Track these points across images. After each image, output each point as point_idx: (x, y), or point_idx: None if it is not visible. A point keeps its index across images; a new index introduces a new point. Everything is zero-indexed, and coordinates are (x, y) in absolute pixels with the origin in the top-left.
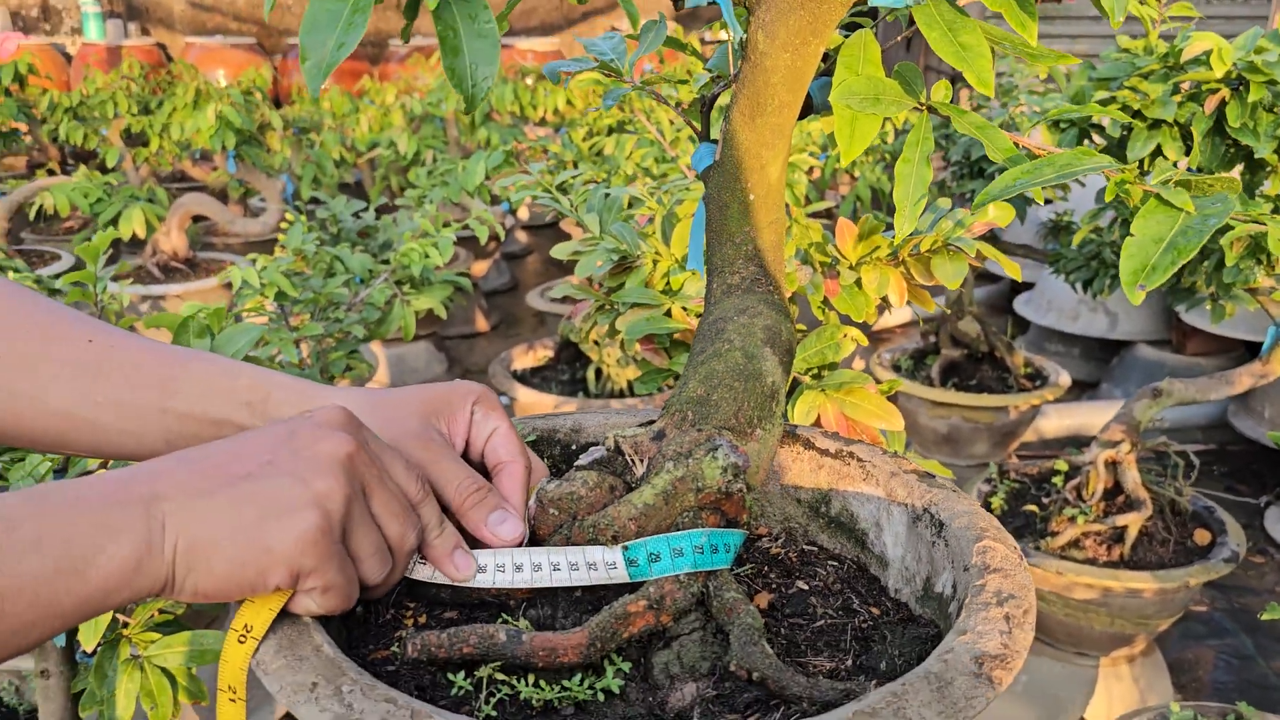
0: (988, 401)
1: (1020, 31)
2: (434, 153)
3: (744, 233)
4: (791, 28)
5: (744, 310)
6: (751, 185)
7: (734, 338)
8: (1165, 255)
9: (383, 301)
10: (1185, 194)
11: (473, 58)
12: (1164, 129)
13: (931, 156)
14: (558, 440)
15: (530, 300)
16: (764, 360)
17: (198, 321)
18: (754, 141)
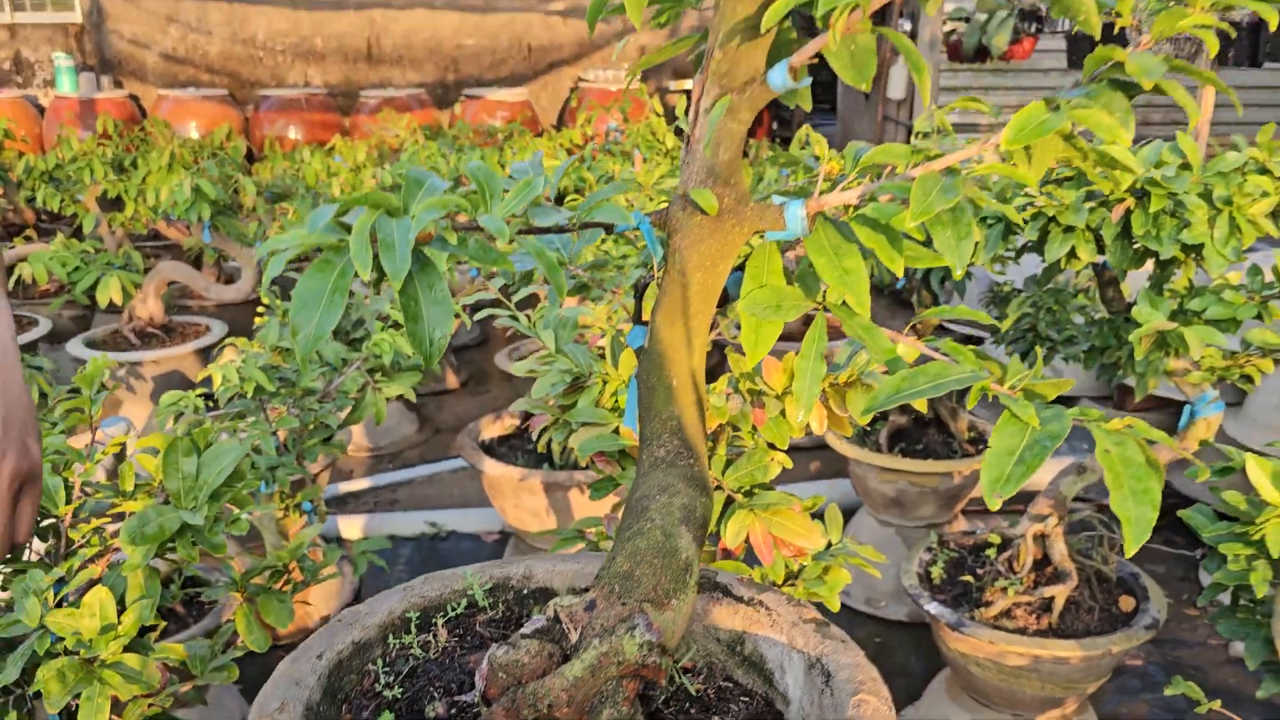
0: (932, 467)
1: (890, 266)
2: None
3: (669, 410)
4: (703, 253)
5: (665, 489)
6: (674, 373)
7: (655, 516)
8: (1017, 468)
9: (355, 390)
10: (1030, 409)
11: (430, 322)
12: (1078, 232)
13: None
14: (511, 587)
15: (499, 361)
16: (680, 538)
17: (185, 442)
18: (675, 339)
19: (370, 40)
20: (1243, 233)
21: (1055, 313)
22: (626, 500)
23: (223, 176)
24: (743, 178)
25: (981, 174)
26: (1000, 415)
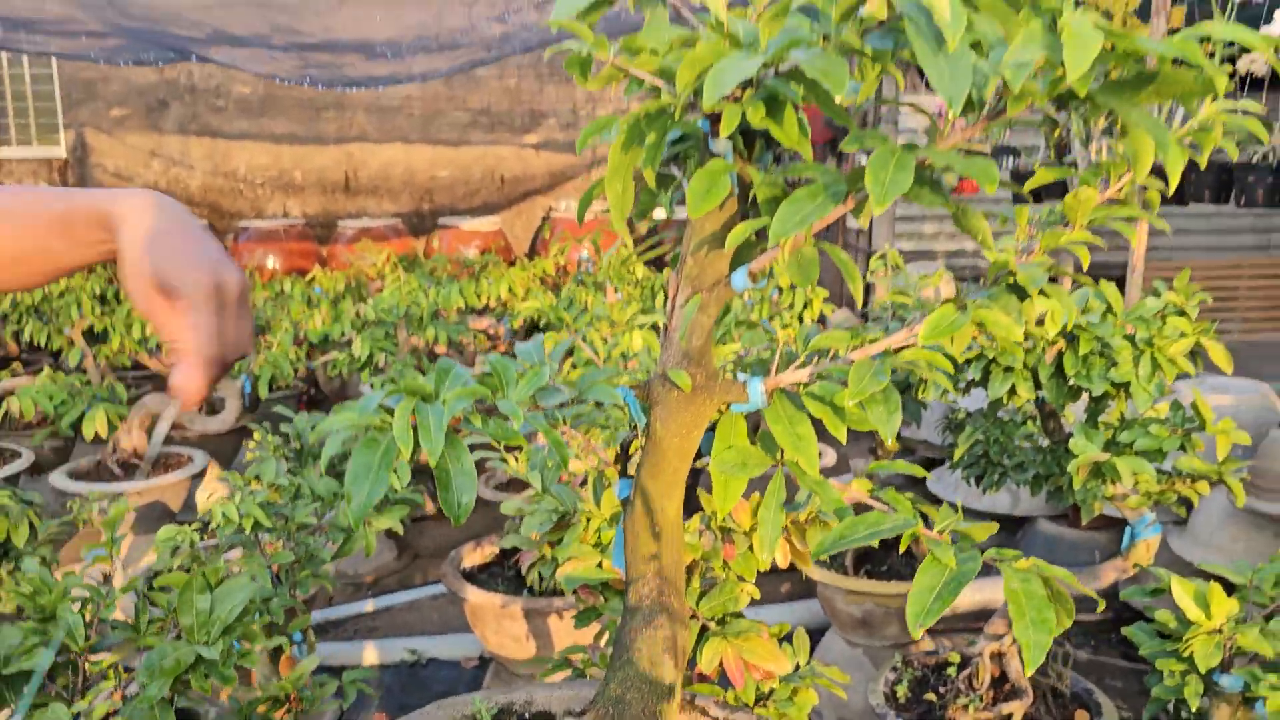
0: (897, 589)
1: (835, 433)
2: (385, 355)
3: (652, 553)
4: (679, 422)
5: (650, 623)
6: (656, 521)
7: (642, 647)
8: (936, 603)
9: (345, 524)
10: (950, 552)
11: (459, 489)
12: (1016, 371)
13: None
14: (515, 711)
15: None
16: (663, 666)
17: (199, 579)
18: (656, 492)
19: (348, 173)
20: (1164, 371)
21: (1002, 442)
22: (616, 632)
23: None
24: (712, 359)
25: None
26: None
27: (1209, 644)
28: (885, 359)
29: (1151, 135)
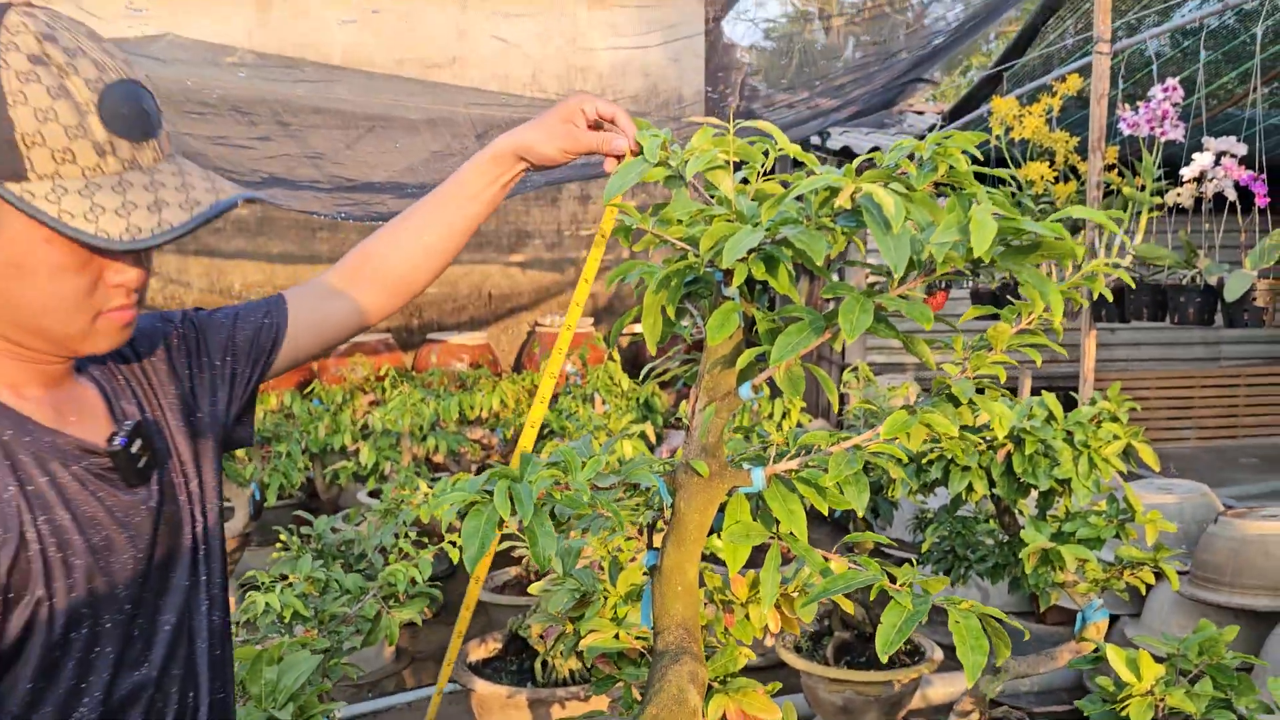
0: (874, 677)
1: (819, 508)
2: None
3: (676, 609)
4: (699, 501)
5: (677, 661)
6: (679, 583)
7: (671, 679)
8: (897, 634)
9: (372, 614)
10: (909, 598)
11: (543, 544)
12: (973, 470)
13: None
14: None
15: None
16: (688, 693)
17: (268, 653)
18: (680, 559)
19: None
20: (1100, 469)
21: (965, 536)
22: (650, 673)
23: None
24: (723, 453)
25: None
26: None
27: (1142, 704)
28: (856, 452)
29: (1036, 287)
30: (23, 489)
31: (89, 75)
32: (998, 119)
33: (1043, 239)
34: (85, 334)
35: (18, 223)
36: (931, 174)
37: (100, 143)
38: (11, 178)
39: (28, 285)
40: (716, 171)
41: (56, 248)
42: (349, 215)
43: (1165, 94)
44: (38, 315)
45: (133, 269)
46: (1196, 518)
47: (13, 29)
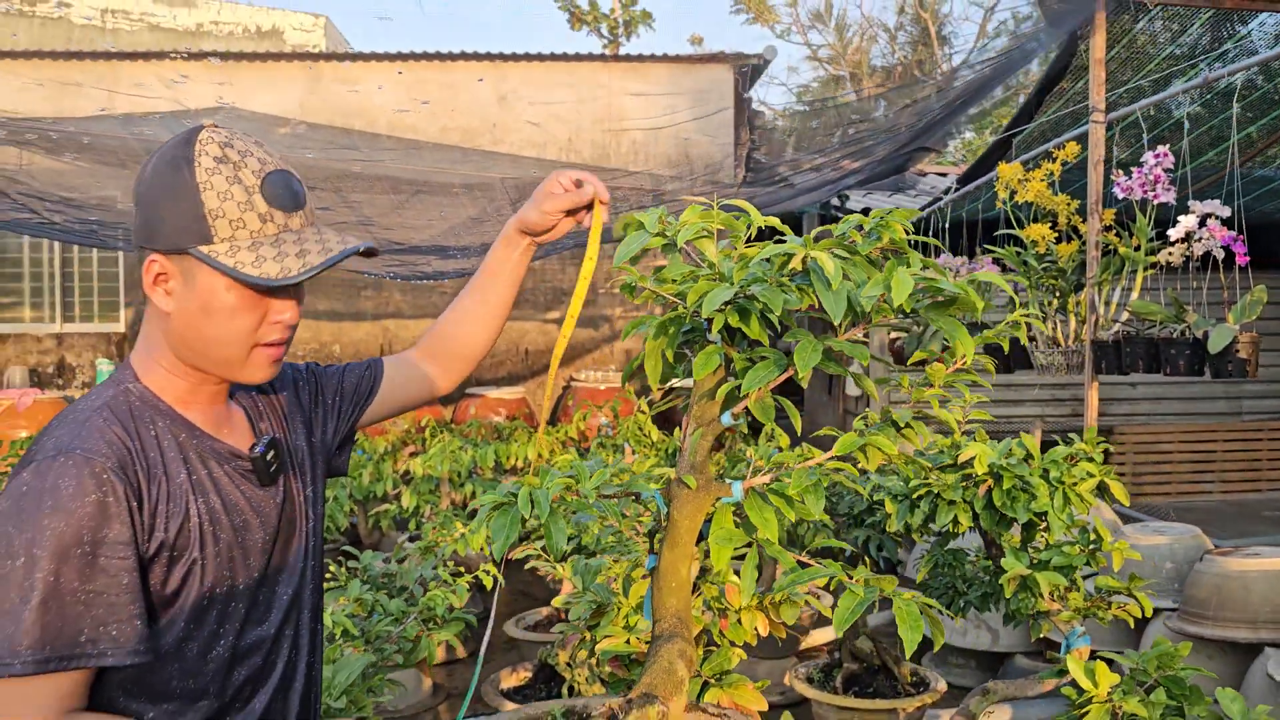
0: (880, 705)
1: (788, 515)
2: (430, 507)
3: (670, 603)
4: (688, 510)
5: (669, 641)
6: (673, 579)
7: (663, 655)
8: (850, 615)
9: (413, 635)
10: (860, 589)
11: (556, 537)
12: (958, 504)
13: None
14: (576, 712)
15: (507, 629)
16: (678, 667)
17: (326, 654)
18: (673, 560)
19: (383, 345)
20: (1074, 503)
21: (955, 567)
22: (648, 652)
23: None
24: (709, 469)
25: (831, 466)
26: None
27: (1101, 710)
28: (816, 470)
29: (952, 335)
30: (190, 477)
31: (254, 168)
32: (1003, 183)
33: (958, 295)
34: (243, 363)
35: (205, 275)
36: (876, 242)
37: (262, 214)
38: (202, 242)
39: (211, 323)
40: (703, 239)
41: (234, 293)
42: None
43: (1157, 160)
44: (215, 345)
45: (289, 307)
46: (1188, 558)
47: (204, 140)
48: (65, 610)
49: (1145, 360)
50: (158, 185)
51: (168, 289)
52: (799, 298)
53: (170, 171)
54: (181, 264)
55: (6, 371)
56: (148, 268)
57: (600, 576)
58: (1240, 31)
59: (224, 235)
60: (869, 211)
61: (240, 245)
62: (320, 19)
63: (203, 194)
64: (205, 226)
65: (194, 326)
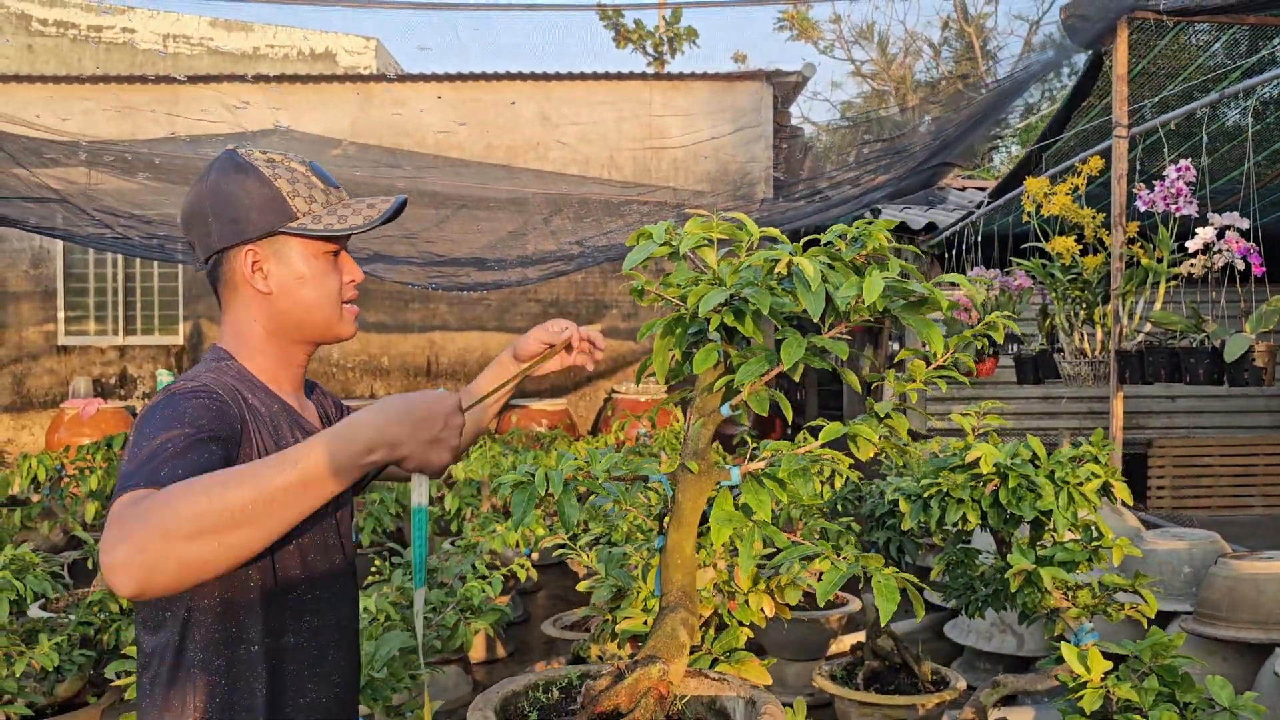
0: (900, 700)
1: (780, 497)
2: (471, 510)
3: (676, 578)
4: (692, 492)
5: (674, 611)
6: (678, 556)
7: (668, 623)
8: (830, 587)
9: (451, 623)
10: (843, 564)
11: (569, 513)
12: (966, 503)
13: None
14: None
15: (544, 629)
16: (680, 632)
17: (369, 631)
18: (678, 539)
19: (430, 358)
20: (1078, 503)
21: (967, 565)
22: (655, 621)
23: None
24: (710, 455)
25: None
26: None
27: (1093, 694)
28: (805, 458)
29: (922, 331)
30: (285, 443)
31: (297, 163)
32: (1029, 197)
33: (927, 297)
34: (339, 319)
35: (297, 249)
36: (861, 249)
37: (323, 189)
38: (290, 219)
39: (309, 289)
40: (704, 248)
41: (320, 260)
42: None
43: (1179, 173)
44: (316, 309)
45: (354, 267)
46: (1206, 562)
47: (244, 154)
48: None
49: (1167, 370)
50: (227, 193)
51: (265, 272)
52: (790, 300)
53: (237, 177)
54: (273, 246)
55: (72, 382)
56: (244, 260)
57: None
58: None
59: (304, 210)
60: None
61: (320, 214)
62: (371, 41)
63: (275, 183)
64: (287, 207)
65: (294, 296)
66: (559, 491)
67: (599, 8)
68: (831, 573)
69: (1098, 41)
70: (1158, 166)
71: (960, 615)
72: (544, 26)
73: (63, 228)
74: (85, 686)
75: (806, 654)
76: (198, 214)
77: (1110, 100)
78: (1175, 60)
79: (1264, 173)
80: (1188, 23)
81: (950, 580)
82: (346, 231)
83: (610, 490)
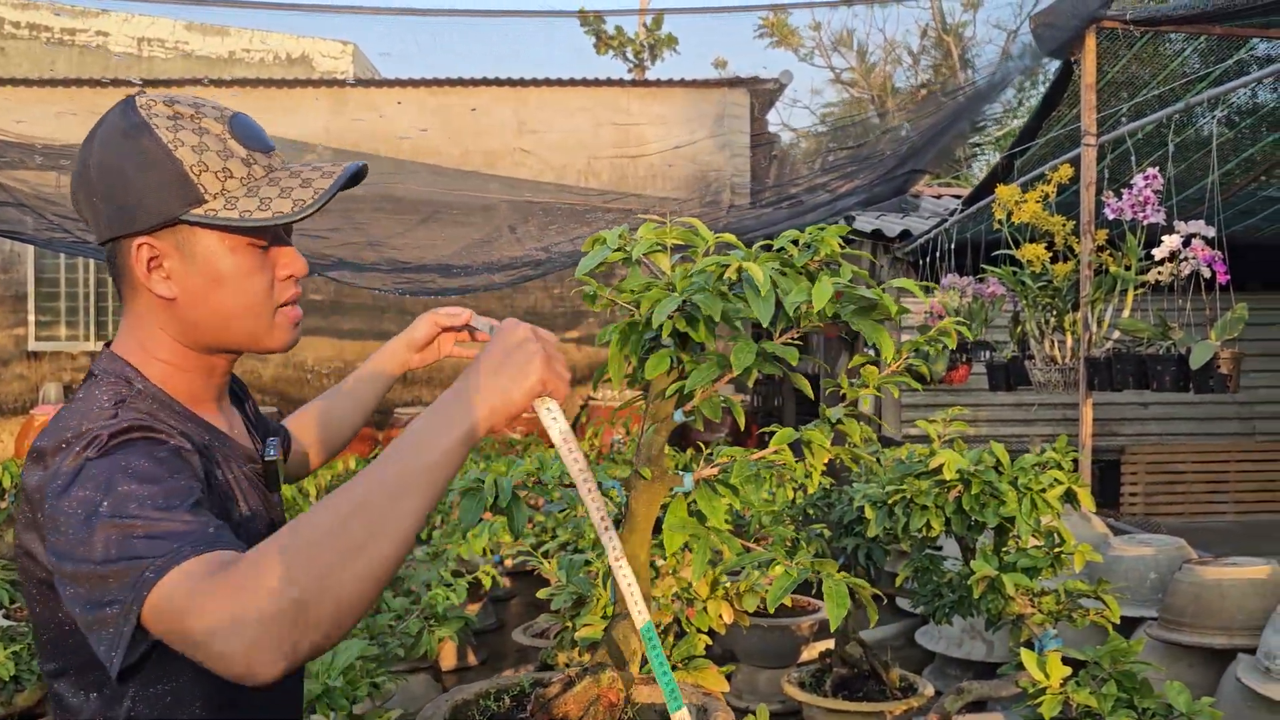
0: (868, 708)
1: (733, 504)
2: (440, 517)
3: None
4: (645, 499)
5: (626, 618)
6: (632, 564)
7: (619, 629)
8: (781, 593)
9: (415, 631)
10: (795, 569)
11: (518, 522)
12: (930, 509)
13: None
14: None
15: (515, 636)
16: (631, 638)
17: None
18: (633, 544)
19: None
20: (1040, 509)
21: (932, 571)
22: (607, 624)
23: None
24: (665, 461)
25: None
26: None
27: (1053, 700)
28: (758, 463)
29: (872, 336)
30: (225, 478)
31: (214, 116)
32: (1000, 204)
33: (876, 302)
34: (270, 329)
35: (207, 241)
36: (814, 254)
37: (244, 157)
38: (194, 203)
39: (226, 293)
40: (657, 253)
41: (241, 255)
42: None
43: (1146, 182)
44: (237, 318)
45: (294, 256)
46: (1172, 568)
47: (145, 105)
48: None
49: (1135, 377)
50: (115, 165)
51: (165, 272)
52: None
53: (126, 143)
54: (175, 237)
55: (43, 388)
56: (136, 256)
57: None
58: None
59: (214, 190)
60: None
61: (236, 195)
62: (349, 46)
63: (176, 152)
64: (192, 186)
65: (207, 304)
66: (507, 499)
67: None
68: (783, 578)
69: (1066, 50)
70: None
71: (929, 623)
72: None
73: (30, 232)
74: (45, 696)
75: (778, 661)
76: (81, 189)
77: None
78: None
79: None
80: (1155, 32)
81: (918, 587)
82: (268, 222)
83: (565, 499)
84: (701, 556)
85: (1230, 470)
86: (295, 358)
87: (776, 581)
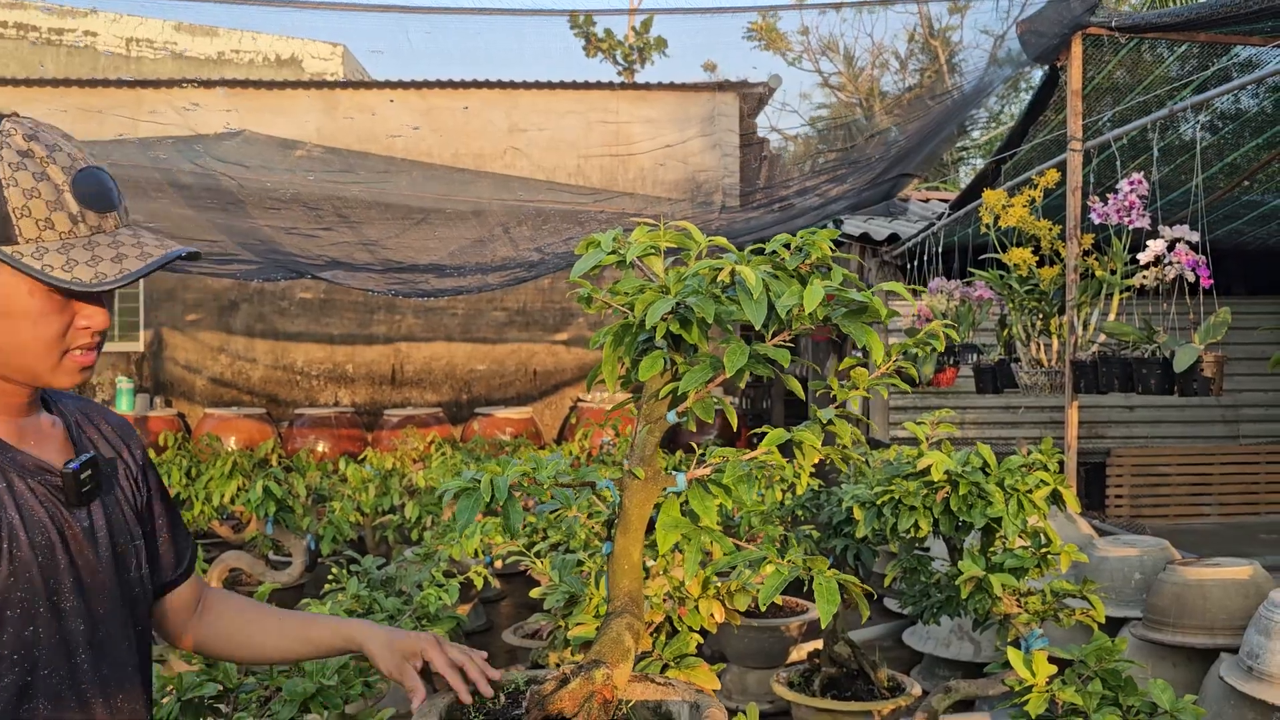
0: (856, 707)
1: (725, 503)
2: (431, 518)
3: (623, 584)
4: (638, 499)
5: (620, 616)
6: (625, 562)
7: (613, 627)
8: (773, 591)
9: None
10: (786, 567)
11: (513, 519)
12: (919, 510)
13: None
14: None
15: (505, 637)
16: (625, 638)
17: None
18: (625, 544)
19: (395, 366)
20: (1027, 510)
21: (920, 572)
22: (601, 624)
23: (279, 479)
24: (658, 462)
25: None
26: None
27: (1039, 698)
28: (750, 463)
29: (863, 339)
30: None
31: (64, 164)
32: (987, 209)
33: (866, 305)
34: (53, 369)
35: (6, 277)
36: (805, 258)
37: (74, 214)
38: (4, 242)
39: (12, 328)
40: (650, 256)
41: (38, 298)
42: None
43: (1131, 187)
44: (19, 353)
45: (98, 313)
46: (1156, 569)
47: (6, 132)
48: None
49: (1120, 380)
50: None
51: None
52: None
53: None
54: None
55: None
56: None
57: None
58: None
59: (29, 236)
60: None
61: (48, 247)
62: (338, 48)
63: (6, 190)
64: (8, 226)
65: None
66: (503, 498)
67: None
68: (774, 576)
69: (1053, 56)
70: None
71: (917, 624)
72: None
73: None
74: None
75: (768, 661)
76: None
77: (1066, 114)
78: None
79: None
80: (1140, 38)
81: (905, 587)
82: (63, 284)
83: (559, 498)
84: (694, 555)
85: (1214, 473)
86: (285, 359)
87: (769, 579)
